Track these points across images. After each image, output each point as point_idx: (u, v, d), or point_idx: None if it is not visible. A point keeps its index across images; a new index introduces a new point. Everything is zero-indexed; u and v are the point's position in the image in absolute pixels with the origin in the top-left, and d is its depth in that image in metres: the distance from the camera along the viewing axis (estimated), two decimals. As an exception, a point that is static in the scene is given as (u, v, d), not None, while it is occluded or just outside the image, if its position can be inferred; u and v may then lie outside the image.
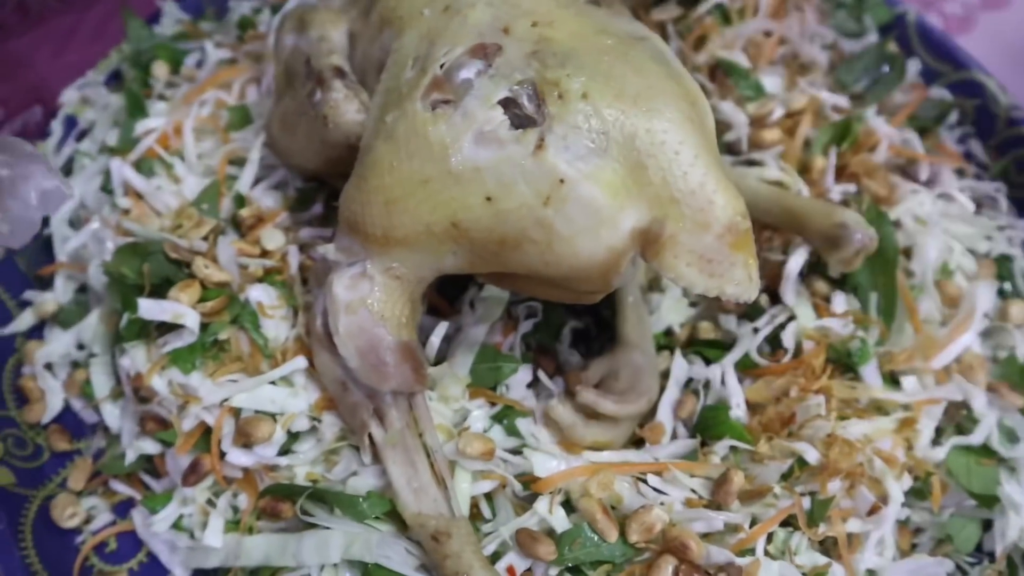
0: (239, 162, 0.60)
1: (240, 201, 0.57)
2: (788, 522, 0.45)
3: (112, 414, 0.53)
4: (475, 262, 0.45)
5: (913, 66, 0.70)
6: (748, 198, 0.53)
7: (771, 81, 0.62)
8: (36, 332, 0.59)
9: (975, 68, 0.69)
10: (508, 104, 0.42)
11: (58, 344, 0.56)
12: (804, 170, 0.59)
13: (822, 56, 0.63)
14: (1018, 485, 0.48)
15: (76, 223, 0.61)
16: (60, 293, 0.59)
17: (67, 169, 0.64)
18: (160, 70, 0.66)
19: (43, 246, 0.62)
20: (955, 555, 0.48)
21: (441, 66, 0.44)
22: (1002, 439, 0.49)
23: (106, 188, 0.58)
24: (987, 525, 0.49)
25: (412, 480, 0.45)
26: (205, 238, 0.53)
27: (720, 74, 0.62)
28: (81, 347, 0.57)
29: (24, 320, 0.58)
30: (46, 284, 0.60)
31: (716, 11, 0.64)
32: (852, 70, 0.62)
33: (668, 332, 0.56)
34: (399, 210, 0.44)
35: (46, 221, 0.61)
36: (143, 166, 0.59)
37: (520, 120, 0.41)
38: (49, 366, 0.56)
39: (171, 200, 0.57)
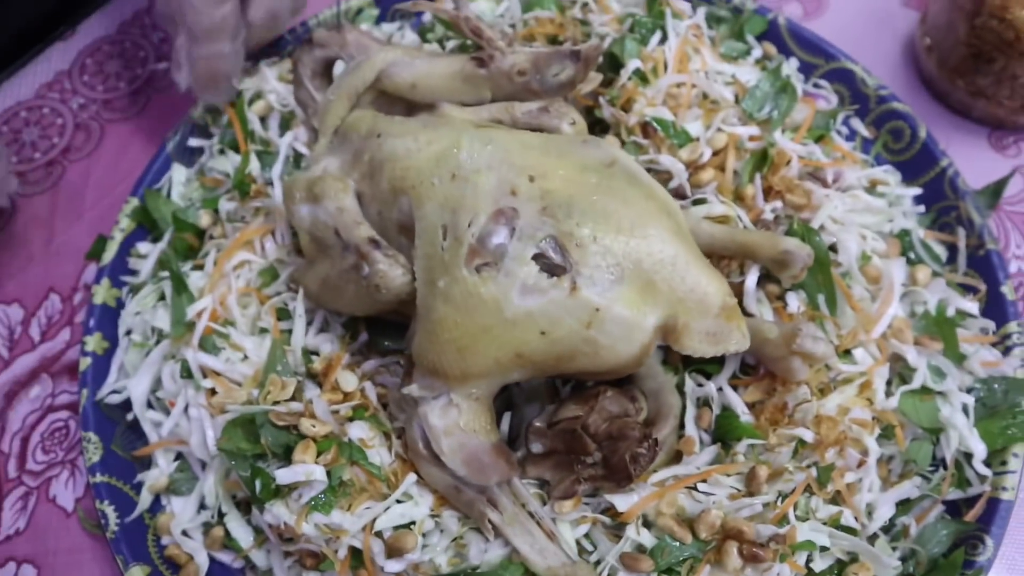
0: (279, 315, 0.72)
1: (305, 354, 0.69)
2: (805, 489, 0.63)
3: (259, 558, 0.67)
4: (537, 373, 0.60)
5: (793, 64, 0.87)
6: (707, 240, 0.69)
7: (693, 126, 0.77)
8: (155, 506, 0.71)
9: (843, 58, 0.86)
10: (538, 258, 0.56)
11: (185, 512, 0.69)
12: (738, 197, 0.75)
13: (727, 91, 0.79)
14: (951, 408, 0.68)
15: (153, 404, 0.73)
16: (164, 468, 0.71)
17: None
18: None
19: (128, 430, 0.73)
20: (918, 469, 0.68)
21: (473, 235, 0.58)
22: (933, 378, 0.68)
23: (185, 374, 0.69)
24: (936, 440, 0.69)
25: (533, 544, 0.61)
26: (294, 398, 0.66)
27: (651, 130, 0.77)
28: (201, 507, 0.69)
29: (145, 500, 0.70)
30: (144, 463, 0.72)
31: (634, 75, 0.78)
32: (755, 100, 0.78)
33: (665, 359, 0.73)
34: (471, 354, 0.58)
35: (128, 407, 0.72)
36: (206, 344, 0.70)
37: (552, 268, 0.56)
38: (184, 531, 0.69)
39: (245, 369, 0.69)
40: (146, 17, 0.99)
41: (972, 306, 0.73)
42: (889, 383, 0.69)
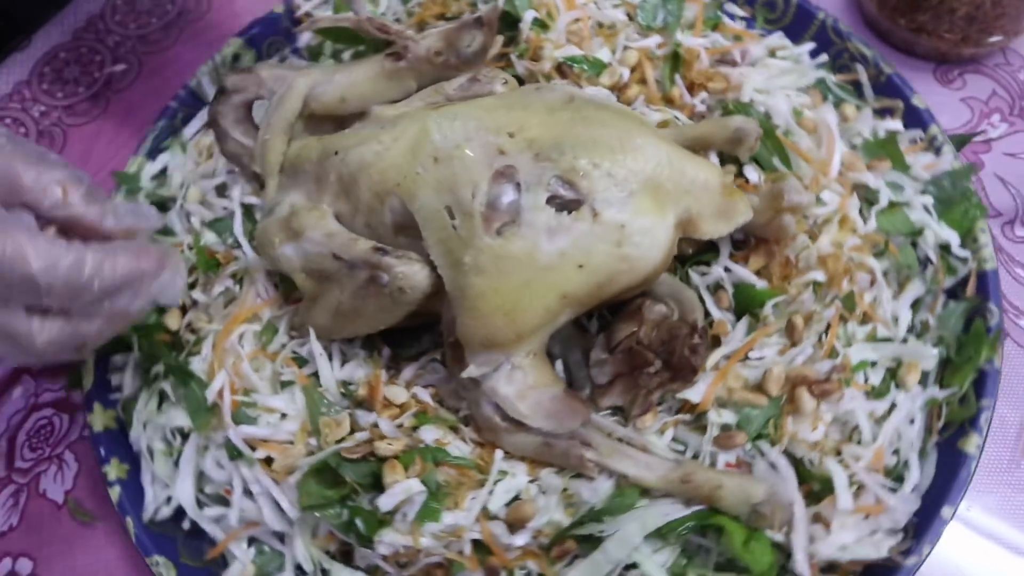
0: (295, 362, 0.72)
1: (342, 387, 0.70)
2: (839, 321, 0.70)
3: (382, 593, 0.67)
4: (581, 309, 0.64)
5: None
6: (662, 145, 0.75)
7: (602, 53, 0.83)
8: (249, 595, 0.70)
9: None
10: (552, 200, 0.60)
11: (287, 585, 0.68)
12: (668, 101, 0.81)
13: (619, 13, 0.85)
14: (918, 211, 0.77)
15: (204, 502, 0.71)
16: (243, 558, 0.70)
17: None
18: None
19: (188, 538, 0.71)
20: (912, 273, 0.76)
21: (481, 204, 0.60)
22: (893, 192, 0.77)
23: (234, 454, 0.68)
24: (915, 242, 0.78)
25: (637, 464, 0.64)
26: (352, 431, 0.66)
27: (566, 68, 0.82)
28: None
29: (239, 595, 0.69)
30: (220, 563, 0.70)
31: (534, 24, 0.83)
32: (647, 12, 0.84)
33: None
34: (520, 313, 0.61)
35: (179, 517, 0.70)
36: (239, 417, 0.69)
37: (567, 205, 0.60)
38: (292, 604, 0.68)
39: (290, 426, 0.68)
40: (100, 22, 1.06)
41: (896, 124, 0.83)
42: (861, 211, 0.77)
